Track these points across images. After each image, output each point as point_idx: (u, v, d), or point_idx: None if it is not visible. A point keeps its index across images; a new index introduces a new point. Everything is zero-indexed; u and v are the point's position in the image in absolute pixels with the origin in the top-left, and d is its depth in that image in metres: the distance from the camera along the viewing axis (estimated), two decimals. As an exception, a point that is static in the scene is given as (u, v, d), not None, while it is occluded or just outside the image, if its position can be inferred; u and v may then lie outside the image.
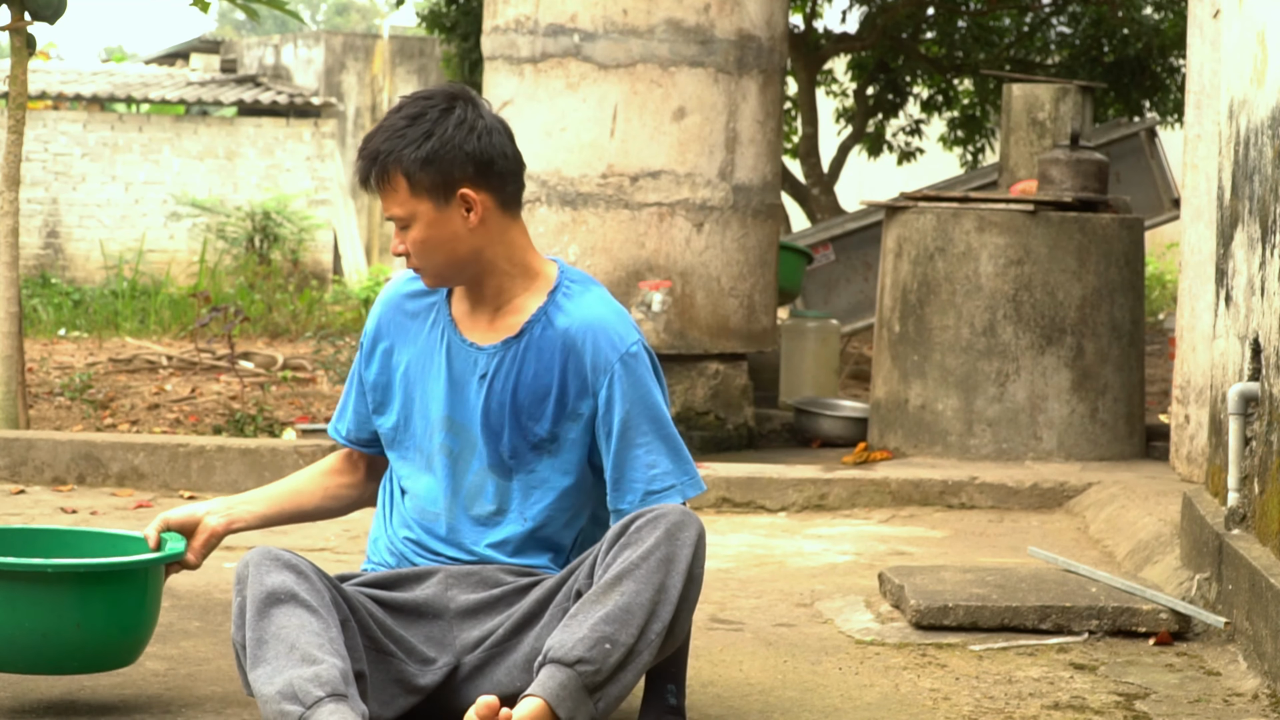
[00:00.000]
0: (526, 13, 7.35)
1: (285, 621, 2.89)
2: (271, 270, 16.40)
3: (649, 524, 2.96)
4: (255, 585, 2.93)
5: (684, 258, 7.31)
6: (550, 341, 3.12)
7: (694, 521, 2.98)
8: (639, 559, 2.92)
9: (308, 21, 10.19)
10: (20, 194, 7.00)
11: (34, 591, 3.05)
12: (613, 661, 2.86)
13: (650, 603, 2.90)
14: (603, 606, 2.89)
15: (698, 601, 3.01)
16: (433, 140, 3.05)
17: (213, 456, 6.11)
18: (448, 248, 3.09)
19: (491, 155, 3.08)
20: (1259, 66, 4.02)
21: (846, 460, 6.80)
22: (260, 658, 2.87)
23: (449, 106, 3.08)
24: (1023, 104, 8.72)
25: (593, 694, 2.85)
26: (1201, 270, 5.93)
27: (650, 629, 2.90)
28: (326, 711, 2.76)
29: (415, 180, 3.05)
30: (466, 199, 3.07)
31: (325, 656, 2.84)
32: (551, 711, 2.81)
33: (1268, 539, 3.76)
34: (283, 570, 2.95)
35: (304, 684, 2.80)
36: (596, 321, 3.12)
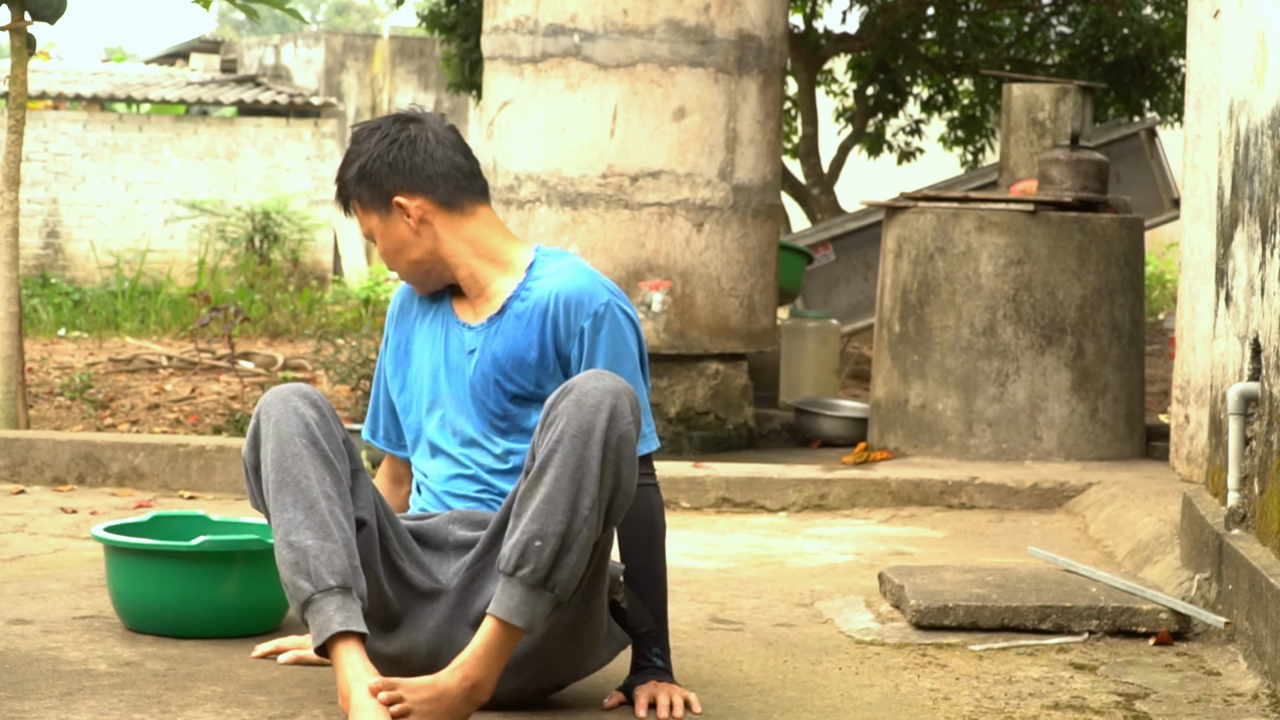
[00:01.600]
0: (526, 13, 7.35)
1: (309, 470, 3.12)
2: (271, 270, 16.40)
3: (560, 399, 3.11)
4: (281, 419, 3.17)
5: (684, 258, 7.31)
6: (527, 311, 3.35)
7: (605, 383, 3.10)
8: (554, 441, 3.07)
9: (308, 21, 10.15)
10: (20, 194, 7.00)
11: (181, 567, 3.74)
12: (548, 554, 3.04)
13: (572, 484, 3.05)
14: (531, 502, 3.07)
15: (633, 455, 3.11)
16: (361, 159, 3.38)
17: (213, 456, 6.11)
18: (403, 252, 3.40)
19: (414, 163, 3.36)
20: (1259, 66, 4.02)
21: (846, 460, 6.80)
22: (281, 499, 3.11)
23: (377, 126, 3.41)
24: (1023, 104, 8.72)
25: (543, 587, 3.05)
26: (1201, 270, 5.93)
27: (579, 507, 3.05)
28: (334, 605, 3.03)
29: (360, 199, 3.40)
30: (402, 206, 3.37)
31: (337, 529, 3.08)
32: (504, 624, 3.05)
33: (1268, 539, 3.76)
34: (309, 409, 3.18)
35: (317, 561, 3.05)
36: (566, 286, 3.33)
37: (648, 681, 3.32)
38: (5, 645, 3.69)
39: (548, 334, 3.33)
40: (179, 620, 3.78)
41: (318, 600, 3.04)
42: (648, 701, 3.28)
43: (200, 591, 3.76)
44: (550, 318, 3.33)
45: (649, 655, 3.35)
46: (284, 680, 3.46)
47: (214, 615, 3.77)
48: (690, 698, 3.31)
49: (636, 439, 3.14)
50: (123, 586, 3.83)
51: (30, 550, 4.87)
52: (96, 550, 4.87)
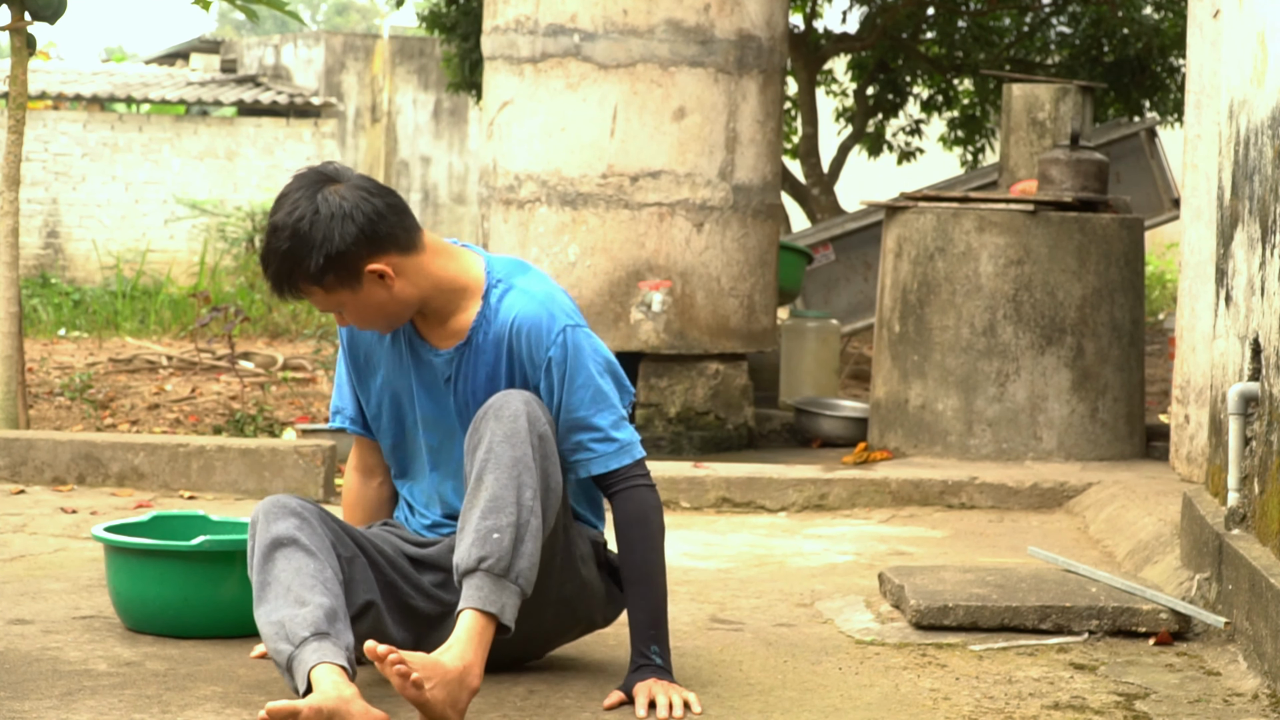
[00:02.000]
0: (526, 13, 7.35)
1: (285, 566, 3.23)
2: (271, 270, 16.38)
3: (482, 418, 3.29)
4: (262, 532, 3.27)
5: (684, 258, 7.31)
6: (492, 343, 3.42)
7: (513, 395, 3.29)
8: (486, 451, 3.25)
9: (307, 22, 10.17)
10: (20, 194, 7.00)
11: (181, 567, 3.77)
12: (506, 543, 3.20)
13: (513, 479, 3.23)
14: (478, 505, 3.23)
15: (555, 451, 3.30)
16: (319, 250, 3.27)
17: (213, 456, 6.11)
18: (382, 311, 3.38)
19: (372, 225, 3.30)
20: (1259, 66, 4.02)
21: (846, 460, 6.80)
22: (263, 599, 3.23)
23: (310, 202, 3.29)
24: (1023, 104, 8.72)
25: (506, 577, 3.20)
26: (1201, 270, 5.93)
27: (524, 498, 3.23)
28: (310, 650, 3.11)
29: (325, 285, 3.31)
30: (376, 271, 3.32)
31: (313, 598, 3.18)
32: (480, 613, 3.18)
33: (1268, 539, 3.76)
34: (288, 517, 3.28)
35: (293, 625, 3.15)
36: (523, 321, 3.40)
37: (647, 680, 3.35)
38: (5, 645, 3.69)
39: (515, 366, 3.41)
40: (179, 620, 3.78)
41: (296, 654, 3.13)
42: (648, 701, 3.31)
43: (200, 591, 3.77)
44: (512, 349, 3.41)
45: (648, 654, 3.38)
46: (284, 680, 3.45)
47: (214, 615, 3.78)
48: (690, 698, 3.34)
49: (554, 441, 3.32)
50: (123, 586, 3.85)
51: (30, 550, 4.87)
52: (96, 550, 4.86)
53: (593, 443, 3.39)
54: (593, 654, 3.73)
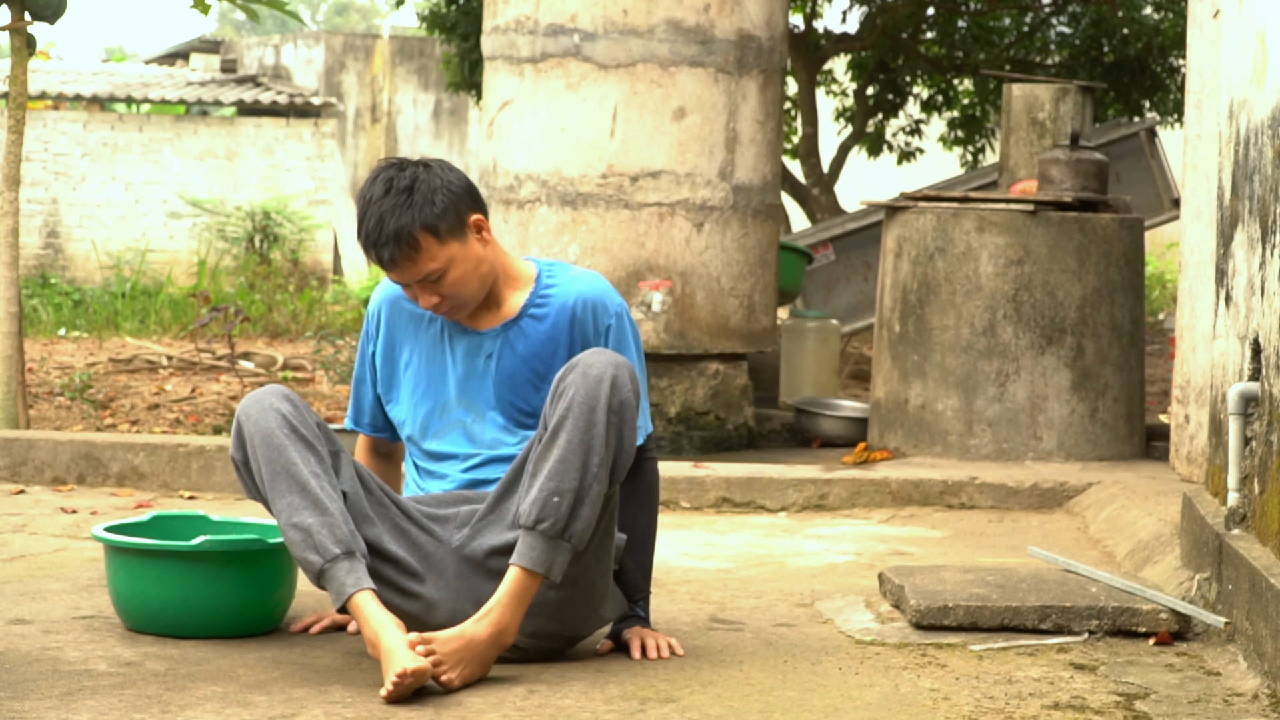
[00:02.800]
0: (526, 13, 7.35)
1: (295, 457, 3.44)
2: (271, 270, 16.40)
3: (569, 372, 3.47)
4: (260, 417, 3.47)
5: (684, 258, 7.31)
6: (544, 323, 3.67)
7: (605, 357, 3.47)
8: (565, 409, 3.42)
9: (307, 22, 10.17)
10: (20, 194, 7.00)
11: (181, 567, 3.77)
12: (565, 508, 3.40)
13: (583, 445, 3.41)
14: (546, 463, 3.42)
15: (634, 419, 3.48)
16: (438, 195, 3.54)
17: (213, 456, 6.11)
18: (478, 272, 3.60)
19: (469, 185, 3.60)
20: (1259, 66, 4.02)
21: (846, 460, 6.80)
22: (276, 488, 3.43)
23: (415, 170, 3.57)
24: (1023, 104, 8.72)
25: (561, 538, 3.41)
26: (1201, 270, 5.93)
27: (590, 465, 3.41)
28: (344, 570, 3.38)
29: (441, 232, 3.53)
30: (478, 224, 3.59)
31: (331, 503, 3.41)
32: (528, 572, 3.41)
33: (1268, 539, 3.76)
34: (285, 403, 3.48)
35: (320, 536, 3.38)
36: (589, 293, 3.68)
37: (633, 628, 3.71)
38: (5, 645, 3.69)
39: (576, 334, 3.67)
40: (179, 620, 3.78)
41: (329, 569, 3.39)
42: (639, 646, 3.67)
43: (200, 591, 3.77)
44: (577, 321, 3.67)
45: (634, 608, 3.75)
46: (284, 680, 3.46)
47: (214, 615, 3.78)
48: (672, 642, 3.71)
49: (637, 407, 3.49)
50: (123, 587, 3.84)
51: (30, 550, 4.87)
52: (96, 550, 4.86)
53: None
54: (593, 654, 3.74)
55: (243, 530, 4.09)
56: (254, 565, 3.80)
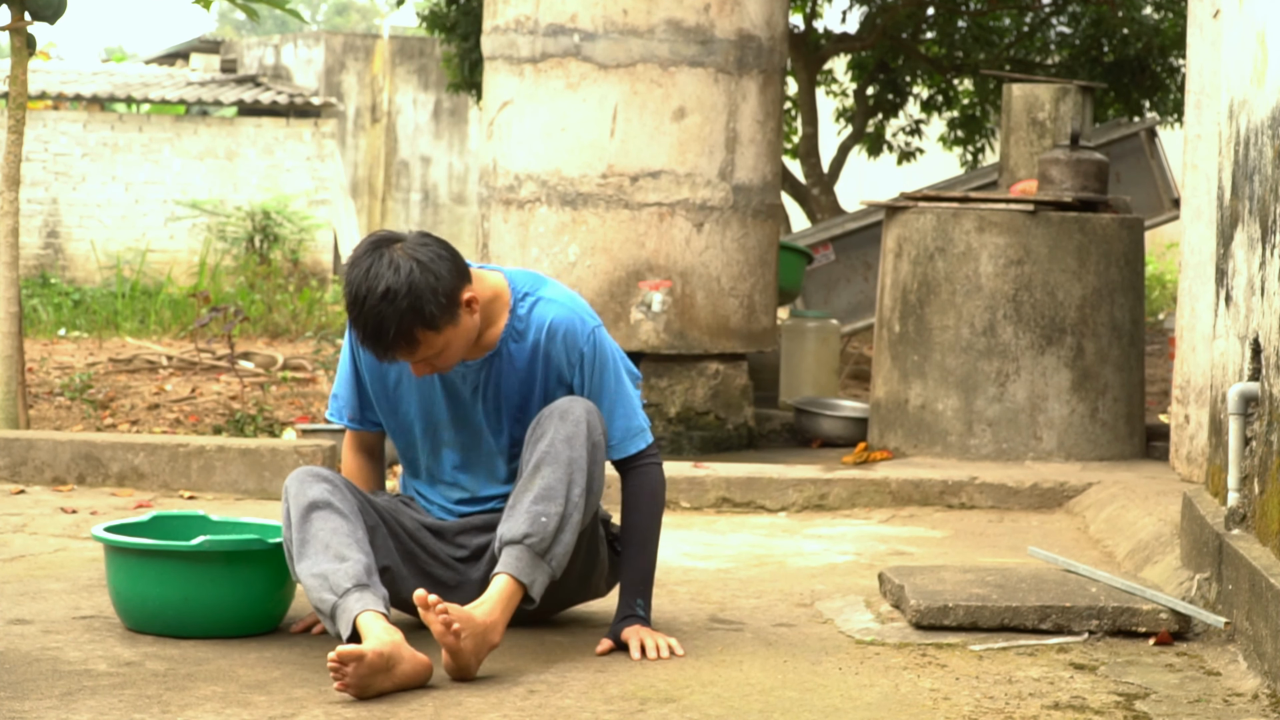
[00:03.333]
0: (526, 13, 7.35)
1: (321, 525, 3.63)
2: (271, 270, 16.40)
3: (547, 417, 3.73)
4: (298, 496, 3.66)
5: (684, 258, 7.31)
6: (522, 351, 3.82)
7: (580, 403, 3.73)
8: (547, 447, 3.69)
9: (308, 21, 10.16)
10: (20, 194, 7.00)
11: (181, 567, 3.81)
12: (551, 528, 3.63)
13: (566, 475, 3.67)
14: (531, 491, 3.66)
15: (604, 461, 3.77)
16: (436, 292, 3.60)
17: (213, 456, 6.11)
18: (469, 338, 3.73)
19: (455, 264, 3.67)
20: (1259, 66, 4.02)
21: (846, 460, 6.80)
22: (303, 554, 3.61)
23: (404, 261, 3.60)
24: (1023, 104, 8.72)
25: (543, 557, 3.63)
26: (1201, 270, 5.93)
27: (572, 494, 3.67)
28: (354, 599, 3.50)
29: (440, 325, 3.63)
30: (468, 300, 3.69)
31: (352, 554, 3.58)
32: (515, 580, 3.61)
33: (1268, 539, 3.76)
34: (320, 483, 3.68)
35: (336, 577, 3.53)
36: (556, 325, 3.82)
37: (633, 626, 3.81)
38: (5, 645, 3.69)
39: (550, 369, 3.83)
40: (179, 620, 3.79)
41: (339, 603, 3.51)
42: (639, 645, 3.76)
43: (200, 591, 3.78)
44: (545, 354, 3.82)
45: (634, 606, 3.84)
46: (284, 680, 3.46)
47: (214, 615, 3.79)
48: (672, 642, 3.78)
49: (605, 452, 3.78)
50: (123, 586, 3.85)
51: (30, 550, 4.87)
52: (96, 550, 4.86)
53: (616, 432, 3.84)
54: (593, 654, 3.74)
55: (243, 530, 4.09)
56: (255, 565, 3.82)
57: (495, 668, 3.58)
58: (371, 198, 22.60)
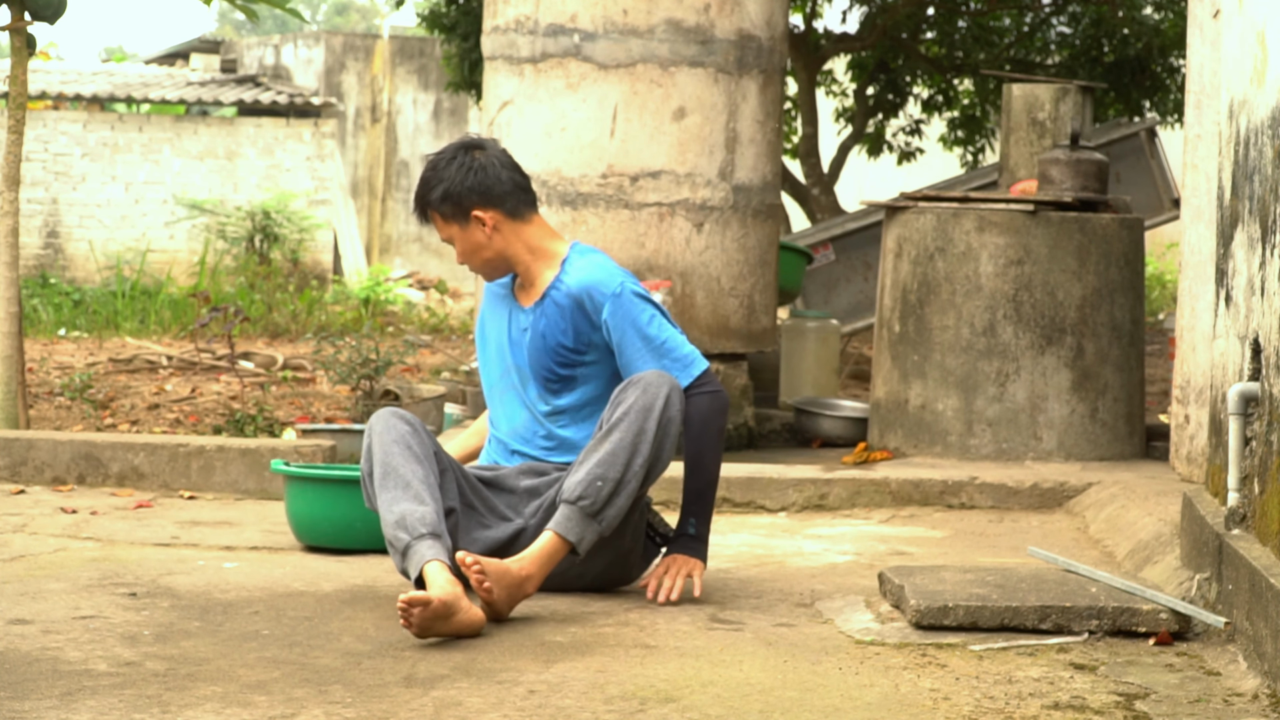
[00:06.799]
0: (526, 13, 7.35)
1: (402, 464, 4.09)
2: (271, 270, 16.40)
3: (630, 385, 4.17)
4: (383, 433, 4.14)
5: (684, 258, 7.31)
6: (563, 299, 4.34)
7: (666, 380, 4.17)
8: (623, 413, 4.12)
9: (308, 20, 10.17)
10: (20, 194, 7.00)
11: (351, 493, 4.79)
12: (605, 493, 4.08)
13: (631, 445, 4.09)
14: (597, 453, 4.11)
15: (677, 436, 4.17)
16: (444, 184, 4.32)
17: (213, 456, 6.11)
18: (479, 253, 4.36)
19: (488, 184, 4.32)
20: (1259, 66, 4.02)
21: (846, 460, 6.80)
22: (384, 487, 4.08)
23: (453, 156, 4.35)
24: (1023, 104, 8.72)
25: (595, 517, 4.08)
26: (1201, 270, 5.93)
27: (633, 464, 4.10)
28: (426, 546, 3.95)
29: (442, 214, 4.34)
30: (479, 217, 4.33)
31: (427, 499, 4.04)
32: (561, 538, 4.07)
33: (1268, 539, 3.76)
34: (403, 424, 4.16)
35: (412, 519, 3.99)
36: (589, 280, 4.33)
37: (670, 556, 4.29)
38: (5, 645, 3.69)
39: (579, 318, 4.32)
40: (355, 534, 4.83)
41: (413, 545, 3.96)
42: (655, 586, 4.24)
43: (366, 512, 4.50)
44: (578, 307, 4.32)
45: (685, 524, 4.31)
46: (284, 680, 3.46)
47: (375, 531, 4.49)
48: (694, 581, 4.26)
49: (680, 426, 4.18)
50: (306, 510, 4.91)
51: (30, 550, 4.87)
52: (96, 550, 4.87)
53: (667, 363, 4.29)
54: (593, 655, 3.74)
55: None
56: None
57: (495, 667, 3.58)
58: (371, 198, 22.60)
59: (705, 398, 4.31)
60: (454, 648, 3.77)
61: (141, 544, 5.05)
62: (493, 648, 3.78)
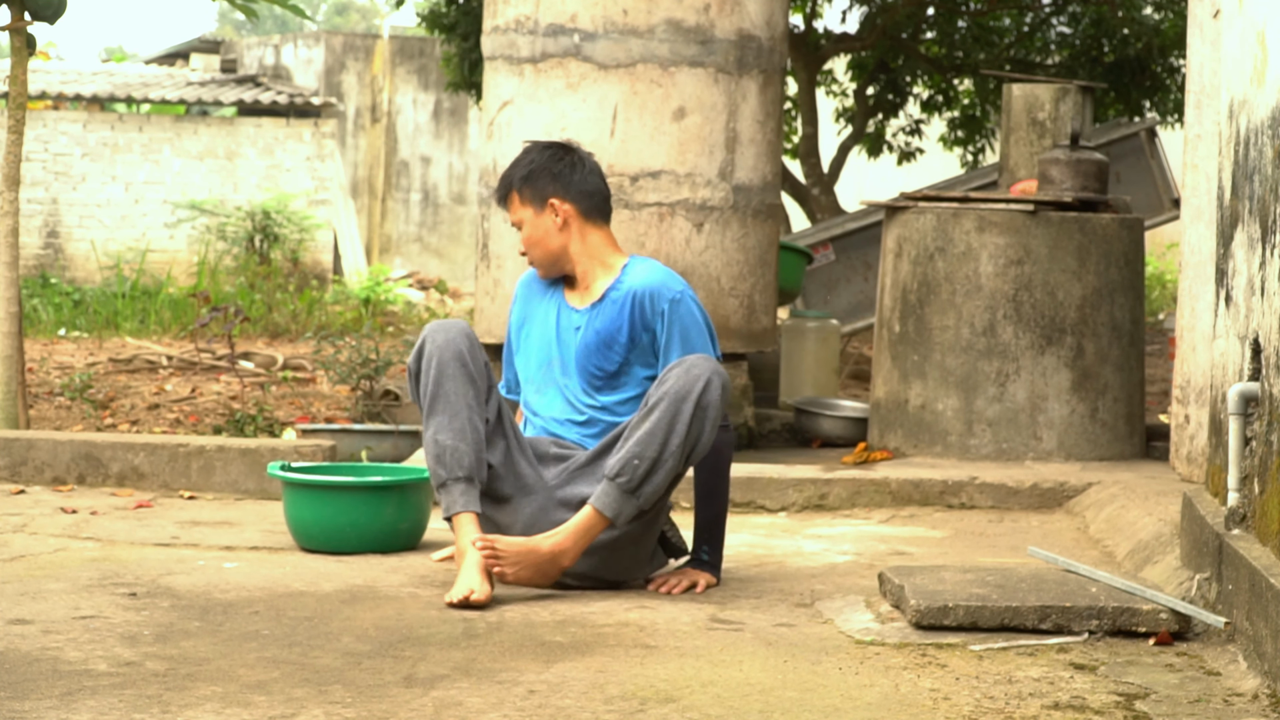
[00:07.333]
0: (526, 13, 7.35)
1: (453, 387, 4.32)
2: (271, 270, 16.40)
3: (675, 367, 4.31)
4: (443, 345, 4.36)
5: (684, 258, 7.31)
6: (620, 302, 4.48)
7: (708, 364, 4.29)
8: (663, 394, 4.26)
9: (310, 17, 10.17)
10: (20, 194, 7.00)
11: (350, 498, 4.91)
12: (641, 470, 4.24)
13: (668, 425, 4.23)
14: (637, 432, 4.27)
15: (717, 420, 4.28)
16: (531, 164, 4.53)
17: (213, 456, 6.11)
18: (543, 243, 4.53)
19: (573, 179, 4.51)
20: (1259, 66, 4.02)
21: (846, 460, 6.80)
22: (433, 410, 4.33)
23: (549, 147, 4.57)
24: (1023, 104, 8.72)
25: (633, 494, 4.26)
26: (1201, 270, 5.93)
27: (670, 444, 4.24)
28: (459, 492, 4.28)
29: (522, 194, 4.52)
30: (554, 207, 4.50)
31: (469, 438, 4.30)
32: (599, 513, 4.26)
33: (1268, 539, 3.76)
34: (464, 338, 4.38)
35: (453, 457, 4.28)
36: (649, 282, 4.50)
37: (681, 569, 4.47)
38: (5, 645, 3.69)
39: (636, 318, 4.46)
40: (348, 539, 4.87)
41: (449, 484, 4.28)
42: (660, 581, 4.42)
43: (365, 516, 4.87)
44: (637, 305, 4.46)
45: (698, 551, 4.50)
46: (284, 680, 3.46)
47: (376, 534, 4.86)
48: (699, 584, 4.41)
49: (723, 411, 4.30)
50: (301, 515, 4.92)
51: (30, 550, 4.87)
52: (96, 550, 4.87)
53: None
54: (593, 655, 3.74)
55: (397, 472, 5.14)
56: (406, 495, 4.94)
57: (495, 667, 3.58)
58: (371, 198, 22.60)
59: (723, 432, 4.45)
60: (454, 647, 3.77)
61: (141, 544, 5.05)
62: (493, 648, 3.78)
